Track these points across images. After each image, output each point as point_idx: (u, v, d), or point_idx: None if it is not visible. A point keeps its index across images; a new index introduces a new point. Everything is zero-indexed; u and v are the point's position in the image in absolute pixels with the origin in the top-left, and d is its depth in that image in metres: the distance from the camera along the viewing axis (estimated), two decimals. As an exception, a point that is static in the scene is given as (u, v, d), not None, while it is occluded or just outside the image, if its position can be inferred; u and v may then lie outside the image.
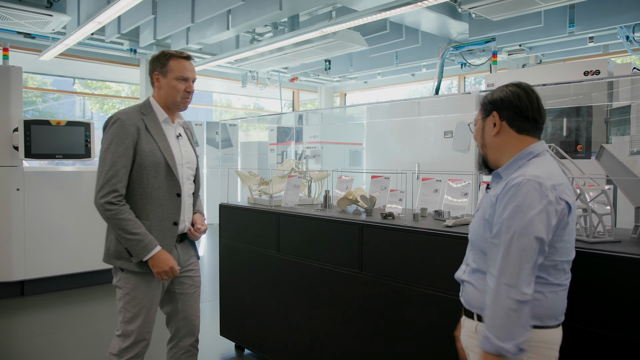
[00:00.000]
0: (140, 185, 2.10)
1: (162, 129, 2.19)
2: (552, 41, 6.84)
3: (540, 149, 1.53)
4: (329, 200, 3.09)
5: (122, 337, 2.14)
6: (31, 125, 4.71)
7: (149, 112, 2.18)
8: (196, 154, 2.37)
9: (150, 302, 2.17)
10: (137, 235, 2.03)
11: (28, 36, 7.35)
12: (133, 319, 2.14)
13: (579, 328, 1.73)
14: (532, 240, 1.37)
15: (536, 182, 1.39)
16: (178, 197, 2.19)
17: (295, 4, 5.66)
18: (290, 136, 9.62)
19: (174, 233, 2.19)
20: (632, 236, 1.97)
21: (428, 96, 8.42)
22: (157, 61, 2.18)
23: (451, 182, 2.62)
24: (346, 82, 11.60)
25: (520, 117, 1.53)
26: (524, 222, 1.37)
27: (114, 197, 2.03)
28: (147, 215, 2.11)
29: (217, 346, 3.66)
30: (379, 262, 2.46)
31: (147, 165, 2.10)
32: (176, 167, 2.17)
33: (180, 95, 2.18)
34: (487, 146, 1.61)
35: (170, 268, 2.10)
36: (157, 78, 2.19)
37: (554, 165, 1.51)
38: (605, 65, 4.34)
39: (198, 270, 2.40)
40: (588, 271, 1.72)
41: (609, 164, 2.02)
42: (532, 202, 1.38)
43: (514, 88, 1.56)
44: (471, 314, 1.59)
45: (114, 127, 2.07)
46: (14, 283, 4.82)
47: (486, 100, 1.61)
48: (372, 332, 2.50)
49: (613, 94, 2.44)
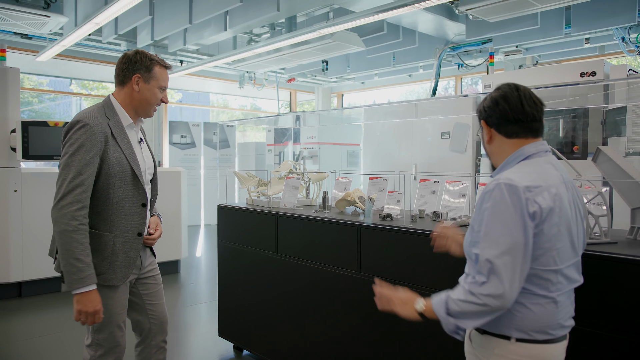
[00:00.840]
0: (106, 195, 1.98)
1: (127, 135, 2.06)
2: (549, 42, 6.87)
3: (533, 150, 1.47)
4: (328, 202, 3.10)
5: (94, 347, 2.08)
6: (29, 127, 4.70)
7: (112, 116, 2.03)
8: (154, 158, 2.28)
9: (120, 307, 2.10)
10: (81, 263, 1.85)
11: (25, 37, 7.33)
12: (103, 327, 2.06)
13: (575, 328, 1.75)
14: (512, 244, 1.32)
15: (508, 184, 1.35)
16: (144, 207, 2.10)
17: (292, 5, 5.66)
18: (287, 137, 9.63)
19: (138, 244, 2.10)
20: (629, 237, 1.99)
21: (425, 98, 8.45)
22: (141, 63, 2.05)
23: (449, 183, 2.63)
24: (343, 83, 11.62)
25: (504, 122, 1.50)
26: (499, 227, 1.34)
27: (78, 210, 1.87)
28: (110, 227, 2.01)
29: (215, 347, 3.67)
30: (377, 263, 2.48)
31: (114, 175, 1.98)
32: (142, 175, 2.07)
33: (156, 104, 2.13)
34: (488, 153, 1.62)
35: (95, 311, 1.89)
36: (137, 81, 2.05)
37: (543, 168, 1.43)
38: (601, 66, 4.36)
39: (157, 269, 2.34)
40: (584, 272, 1.73)
41: (605, 166, 2.04)
42: (501, 206, 1.34)
43: (495, 93, 1.55)
44: None
45: (81, 133, 1.90)
46: (11, 284, 4.81)
47: (477, 110, 1.62)
48: (370, 332, 2.51)
49: (609, 95, 2.46)
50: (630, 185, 1.96)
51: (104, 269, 2.00)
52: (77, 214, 1.87)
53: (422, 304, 1.47)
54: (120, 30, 6.69)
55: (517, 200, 1.33)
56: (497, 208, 1.34)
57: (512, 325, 1.38)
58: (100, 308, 1.92)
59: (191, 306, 4.76)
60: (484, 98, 1.60)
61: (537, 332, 1.38)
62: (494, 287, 1.31)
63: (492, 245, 1.33)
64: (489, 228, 1.35)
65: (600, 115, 4.33)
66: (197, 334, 4.04)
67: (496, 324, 1.40)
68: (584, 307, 1.73)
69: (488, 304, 1.31)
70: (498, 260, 1.31)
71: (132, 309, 2.29)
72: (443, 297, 1.42)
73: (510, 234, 1.32)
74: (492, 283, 1.31)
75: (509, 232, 1.32)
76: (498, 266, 1.30)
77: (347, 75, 10.06)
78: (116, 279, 2.04)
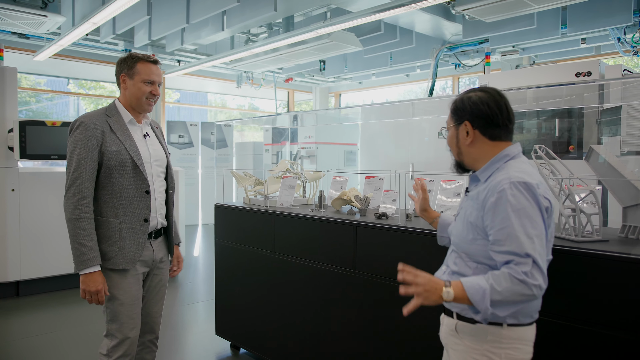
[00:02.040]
0: (109, 184, 2.15)
1: (127, 129, 2.23)
2: (545, 42, 6.89)
3: (516, 151, 1.57)
4: (324, 201, 3.12)
5: (109, 337, 2.19)
6: (26, 126, 4.71)
7: (113, 114, 2.22)
8: (166, 152, 2.40)
9: (130, 298, 2.20)
10: (83, 247, 2.05)
11: (22, 36, 7.33)
12: (115, 318, 2.18)
13: (565, 325, 1.77)
14: (541, 237, 1.42)
15: (523, 182, 1.43)
16: (147, 194, 2.22)
17: (290, 5, 5.68)
18: (285, 137, 9.64)
19: (145, 230, 2.22)
20: (620, 235, 2.01)
21: (422, 98, 8.47)
22: (125, 63, 2.23)
23: (444, 182, 2.65)
24: (341, 83, 11.64)
25: (492, 125, 1.56)
26: (527, 222, 1.40)
27: (79, 200, 2.06)
28: (116, 214, 2.16)
29: (212, 345, 3.68)
30: (372, 261, 2.50)
31: (114, 165, 2.14)
32: (143, 165, 2.21)
33: (145, 97, 2.24)
34: (462, 153, 1.63)
35: (97, 291, 2.08)
36: (123, 79, 2.24)
37: (530, 166, 1.55)
38: (597, 66, 4.39)
39: (167, 271, 2.44)
40: (576, 269, 1.76)
41: (598, 165, 2.06)
42: (524, 203, 1.42)
43: (482, 94, 1.57)
44: (451, 313, 1.62)
45: (78, 131, 2.11)
46: (9, 284, 4.82)
47: (457, 107, 1.62)
48: (365, 330, 2.53)
49: (604, 95, 2.48)
50: (622, 184, 1.99)
51: (113, 253, 2.15)
52: (79, 204, 2.07)
53: (451, 293, 1.42)
54: (117, 30, 6.70)
55: (534, 197, 1.42)
56: (520, 205, 1.41)
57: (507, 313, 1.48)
58: (101, 288, 2.09)
59: (189, 305, 4.77)
60: (464, 95, 1.62)
61: (526, 316, 1.51)
62: (540, 277, 1.38)
63: (528, 240, 1.39)
64: (520, 224, 1.40)
65: (595, 115, 4.36)
66: (195, 332, 4.05)
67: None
68: (575, 304, 1.75)
69: (536, 294, 1.38)
70: (536, 253, 1.38)
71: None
72: (484, 287, 1.39)
73: (539, 227, 1.41)
74: (538, 274, 1.38)
75: (537, 226, 1.41)
76: (537, 259, 1.38)
77: (344, 75, 10.08)
78: (125, 262, 2.16)
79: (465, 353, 1.55)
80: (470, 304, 1.41)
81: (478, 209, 1.53)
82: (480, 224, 1.51)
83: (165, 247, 2.41)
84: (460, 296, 1.42)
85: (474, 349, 1.53)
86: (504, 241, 1.41)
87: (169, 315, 4.39)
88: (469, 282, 1.42)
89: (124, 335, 2.18)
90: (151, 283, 2.36)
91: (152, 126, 2.40)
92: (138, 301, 2.24)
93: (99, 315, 4.36)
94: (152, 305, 2.38)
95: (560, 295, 1.78)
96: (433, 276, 1.47)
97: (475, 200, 1.55)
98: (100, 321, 4.12)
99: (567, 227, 1.97)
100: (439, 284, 1.43)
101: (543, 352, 1.77)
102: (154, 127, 2.42)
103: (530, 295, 1.38)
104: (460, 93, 1.66)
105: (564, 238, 1.95)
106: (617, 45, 6.11)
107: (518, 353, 1.50)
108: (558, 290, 1.78)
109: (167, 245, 2.43)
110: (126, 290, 2.18)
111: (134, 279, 2.21)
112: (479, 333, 1.52)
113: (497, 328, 1.49)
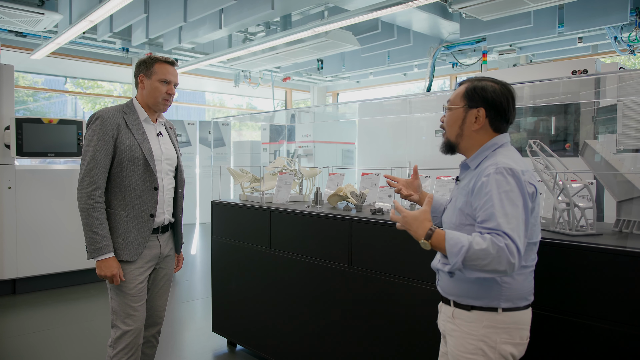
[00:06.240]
0: (120, 178, 2.21)
1: (142, 126, 2.30)
2: (542, 41, 6.92)
3: (504, 140, 1.62)
4: (320, 197, 3.12)
5: (114, 328, 2.24)
6: (23, 124, 4.70)
7: (130, 111, 2.30)
8: (178, 152, 2.46)
9: (135, 290, 2.24)
10: (97, 235, 2.13)
11: (19, 35, 7.32)
12: (119, 309, 2.23)
13: (559, 317, 1.78)
14: (521, 220, 1.44)
15: (509, 168, 1.47)
16: (155, 190, 2.28)
17: (287, 4, 5.68)
18: (282, 135, 9.64)
19: (150, 225, 2.28)
20: (614, 229, 2.02)
21: (419, 93, 8.47)
22: (144, 64, 2.32)
23: (439, 178, 2.66)
24: (339, 82, 11.64)
25: (502, 119, 1.61)
26: (508, 205, 1.43)
27: (93, 190, 2.13)
28: (124, 207, 2.22)
29: (209, 342, 3.68)
30: (368, 257, 2.50)
31: (126, 160, 2.20)
32: (154, 162, 2.27)
33: (162, 97, 2.31)
34: (464, 136, 1.65)
35: (112, 275, 2.16)
36: (141, 80, 2.32)
37: (517, 154, 1.60)
38: (593, 64, 4.41)
39: (172, 265, 2.50)
40: (570, 262, 1.77)
41: (592, 160, 2.07)
42: (506, 187, 1.45)
43: (502, 89, 1.60)
44: (448, 301, 1.65)
45: (96, 124, 2.19)
46: (5, 281, 4.81)
47: (475, 92, 1.60)
48: (361, 325, 2.53)
49: (600, 92, 2.48)
50: (616, 178, 1.99)
51: (118, 245, 2.21)
52: (92, 194, 2.14)
53: (427, 245, 1.50)
54: (115, 28, 6.70)
55: (518, 182, 1.46)
56: (502, 189, 1.45)
57: (501, 297, 1.53)
58: (116, 272, 2.17)
59: (186, 302, 4.77)
60: (484, 82, 1.61)
61: (520, 299, 1.55)
62: (516, 255, 1.39)
63: (506, 220, 1.41)
64: (501, 206, 1.43)
65: (592, 112, 4.37)
66: (192, 329, 4.05)
67: (485, 298, 1.54)
68: (570, 296, 1.76)
69: (507, 270, 1.38)
70: (514, 233, 1.40)
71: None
72: (463, 242, 1.42)
73: (519, 210, 1.44)
74: (515, 251, 1.39)
75: (518, 209, 1.43)
76: (515, 238, 1.39)
77: (342, 74, 10.08)
78: (129, 254, 2.22)
79: (463, 339, 1.57)
80: (445, 253, 1.46)
81: (466, 195, 1.57)
82: (467, 209, 1.56)
83: (171, 243, 2.47)
84: (439, 246, 1.48)
85: (471, 335, 1.55)
86: (487, 221, 1.44)
87: (166, 312, 4.38)
88: (450, 234, 1.46)
89: (127, 326, 2.22)
90: (156, 276, 2.42)
91: (166, 127, 2.47)
92: (143, 293, 2.28)
93: (95, 312, 4.36)
94: (157, 299, 2.44)
95: (554, 288, 1.79)
96: (420, 215, 1.53)
97: (465, 189, 1.59)
98: (97, 318, 4.14)
99: (562, 221, 1.98)
100: (423, 229, 1.51)
101: (537, 345, 1.78)
102: (168, 128, 2.49)
103: (502, 270, 1.38)
104: (476, 77, 1.67)
105: (558, 232, 1.96)
106: (614, 44, 6.13)
107: (514, 338, 1.53)
108: (552, 283, 1.79)
109: (173, 241, 2.48)
110: (130, 281, 2.23)
111: (138, 272, 2.26)
112: (475, 319, 1.55)
113: (492, 314, 1.53)
